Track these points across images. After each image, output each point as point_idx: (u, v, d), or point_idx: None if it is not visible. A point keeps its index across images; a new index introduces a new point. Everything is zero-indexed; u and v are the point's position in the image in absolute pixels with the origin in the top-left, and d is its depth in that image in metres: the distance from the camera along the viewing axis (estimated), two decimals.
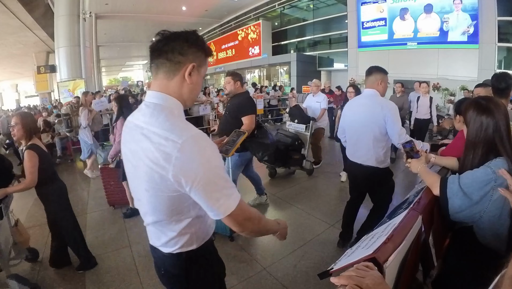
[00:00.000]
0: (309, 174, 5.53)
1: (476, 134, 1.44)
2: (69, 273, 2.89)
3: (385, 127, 2.58)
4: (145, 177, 1.04)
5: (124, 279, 2.79)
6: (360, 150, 2.76)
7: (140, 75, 47.84)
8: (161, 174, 0.99)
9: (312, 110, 5.67)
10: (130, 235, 3.58)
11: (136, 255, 3.16)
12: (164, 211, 1.09)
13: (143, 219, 1.23)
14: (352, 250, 1.08)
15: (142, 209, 1.19)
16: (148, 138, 1.01)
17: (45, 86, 20.22)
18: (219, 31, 26.17)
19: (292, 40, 20.13)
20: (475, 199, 1.28)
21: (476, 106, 1.45)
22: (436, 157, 1.86)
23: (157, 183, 1.02)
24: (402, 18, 12.27)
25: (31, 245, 3.17)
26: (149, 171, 1.02)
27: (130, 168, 1.16)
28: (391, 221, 1.20)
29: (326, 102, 5.75)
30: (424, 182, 1.57)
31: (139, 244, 3.38)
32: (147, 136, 1.02)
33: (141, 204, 1.18)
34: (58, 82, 14.74)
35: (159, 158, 0.97)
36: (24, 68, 27.54)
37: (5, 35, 18.19)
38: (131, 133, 1.11)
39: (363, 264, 0.83)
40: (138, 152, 1.05)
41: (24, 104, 31.36)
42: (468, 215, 1.32)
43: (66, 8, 13.61)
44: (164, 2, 18.07)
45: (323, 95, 5.83)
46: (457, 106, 2.45)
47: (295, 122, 5.60)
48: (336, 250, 3.12)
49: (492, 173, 1.27)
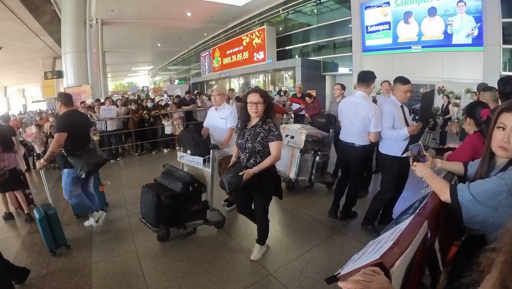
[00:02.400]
0: (218, 227, 3.78)
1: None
2: (75, 277, 2.91)
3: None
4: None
5: (130, 284, 2.80)
6: (352, 133, 3.60)
7: (145, 80, 48.25)
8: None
9: (217, 131, 4.02)
10: (136, 240, 3.60)
11: (142, 259, 3.18)
12: None
13: None
14: (359, 255, 1.09)
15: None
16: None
17: (51, 91, 20.46)
18: (223, 36, 26.31)
19: (297, 45, 20.15)
20: (489, 205, 1.27)
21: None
22: (443, 162, 1.85)
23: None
24: (406, 22, 12.27)
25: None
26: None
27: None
28: (397, 226, 1.20)
29: (235, 119, 3.87)
30: (430, 186, 1.57)
31: (145, 248, 3.41)
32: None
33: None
34: (64, 88, 14.92)
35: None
36: (31, 74, 27.98)
37: (12, 41, 18.52)
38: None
39: (370, 269, 0.84)
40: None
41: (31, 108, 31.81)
42: (481, 220, 1.31)
43: (73, 15, 13.84)
44: (169, 8, 18.26)
45: (230, 108, 4.06)
46: (468, 108, 2.44)
47: (188, 152, 3.70)
48: (343, 255, 3.12)
49: (505, 185, 1.25)
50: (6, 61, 23.10)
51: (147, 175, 6.02)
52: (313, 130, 4.71)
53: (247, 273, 2.87)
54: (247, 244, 3.38)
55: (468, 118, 2.40)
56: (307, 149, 4.48)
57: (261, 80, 23.14)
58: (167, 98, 13.81)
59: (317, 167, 4.56)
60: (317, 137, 4.55)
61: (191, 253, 3.26)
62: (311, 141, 4.48)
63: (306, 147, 4.45)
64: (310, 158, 4.52)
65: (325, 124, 4.93)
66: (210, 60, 27.56)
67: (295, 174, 4.52)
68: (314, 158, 4.54)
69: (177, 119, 8.77)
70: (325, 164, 4.66)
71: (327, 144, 4.68)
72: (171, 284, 2.77)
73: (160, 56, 37.40)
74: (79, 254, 3.33)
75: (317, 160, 4.54)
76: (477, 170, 1.54)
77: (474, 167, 1.65)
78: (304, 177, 4.59)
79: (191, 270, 2.97)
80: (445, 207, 1.47)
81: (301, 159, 4.48)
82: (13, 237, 3.99)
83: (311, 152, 4.53)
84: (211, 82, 29.48)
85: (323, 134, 4.66)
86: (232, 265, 3.01)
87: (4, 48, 19.61)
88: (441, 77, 11.43)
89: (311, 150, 4.52)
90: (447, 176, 1.79)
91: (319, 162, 4.54)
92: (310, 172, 4.59)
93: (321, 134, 4.64)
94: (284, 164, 4.63)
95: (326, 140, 4.66)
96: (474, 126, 2.34)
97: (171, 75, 43.76)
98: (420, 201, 1.44)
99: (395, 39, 12.83)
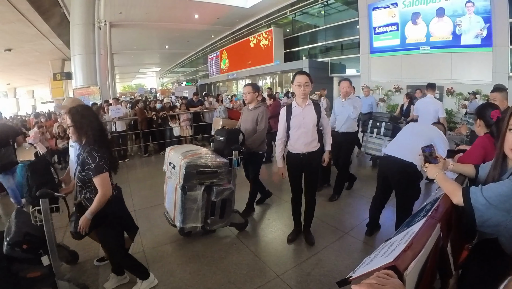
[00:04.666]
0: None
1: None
2: (82, 277, 2.92)
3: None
4: None
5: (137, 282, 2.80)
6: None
7: (153, 82, 48.61)
8: None
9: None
10: (143, 241, 3.61)
11: (151, 261, 3.19)
12: None
13: None
14: (371, 258, 1.07)
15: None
16: None
17: (60, 92, 20.75)
18: (231, 38, 26.41)
19: (304, 47, 20.14)
20: (502, 208, 1.25)
21: None
22: (454, 164, 1.83)
23: None
24: (414, 23, 12.17)
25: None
26: None
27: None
28: (409, 228, 1.19)
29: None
30: (442, 189, 1.55)
31: (152, 249, 3.42)
32: None
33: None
34: (73, 89, 15.09)
35: None
36: (40, 75, 28.37)
37: (22, 43, 18.80)
38: None
39: (383, 272, 0.82)
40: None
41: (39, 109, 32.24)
42: (494, 224, 1.29)
43: (82, 17, 13.98)
44: (176, 11, 18.37)
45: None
46: (478, 110, 2.41)
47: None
48: (351, 258, 3.09)
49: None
50: (16, 63, 23.46)
51: (154, 175, 6.06)
52: (205, 155, 3.29)
53: (254, 275, 2.86)
54: (254, 246, 3.37)
55: (478, 119, 2.37)
56: (192, 184, 3.11)
57: (269, 81, 23.16)
58: (175, 99, 13.89)
59: (214, 207, 3.27)
60: (207, 166, 3.13)
61: (198, 254, 3.26)
62: (196, 173, 3.07)
63: (191, 182, 3.08)
64: (199, 196, 3.15)
65: (225, 144, 3.56)
66: (217, 61, 27.66)
67: (180, 221, 3.17)
68: (207, 196, 3.21)
69: (185, 121, 8.81)
70: (227, 202, 3.33)
71: (225, 173, 3.28)
72: (178, 285, 2.77)
73: (167, 58, 37.65)
74: (86, 254, 3.35)
75: (212, 198, 3.22)
76: (489, 173, 1.51)
77: (485, 169, 1.63)
78: (195, 224, 3.22)
79: (198, 271, 2.97)
80: (456, 210, 1.45)
81: (184, 199, 3.11)
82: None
83: (200, 188, 3.14)
84: (219, 84, 29.59)
85: (218, 162, 3.21)
86: (239, 267, 3.01)
87: (13, 50, 19.90)
88: (450, 79, 11.29)
89: (199, 185, 3.14)
90: (459, 179, 1.76)
91: (215, 201, 3.23)
92: (203, 216, 3.24)
93: (215, 161, 3.21)
94: (170, 203, 3.43)
95: (223, 168, 3.22)
96: (484, 127, 2.31)
97: (178, 76, 44.04)
98: (432, 204, 1.42)
99: (403, 40, 12.73)
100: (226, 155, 3.45)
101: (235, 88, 27.21)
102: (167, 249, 3.41)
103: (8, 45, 19.09)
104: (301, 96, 3.08)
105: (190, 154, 3.21)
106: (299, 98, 3.13)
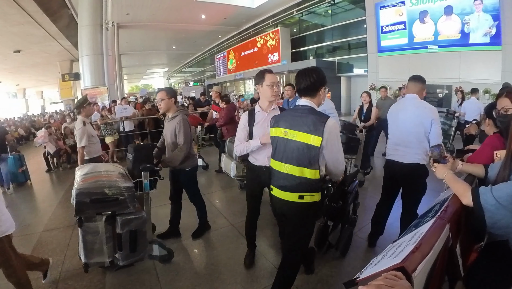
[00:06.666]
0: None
1: None
2: (89, 276, 2.94)
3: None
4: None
5: (144, 283, 2.83)
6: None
7: (160, 82, 48.89)
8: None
9: None
10: None
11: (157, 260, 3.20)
12: None
13: None
14: (378, 259, 1.06)
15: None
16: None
17: (69, 93, 20.97)
18: (238, 38, 26.39)
19: (311, 46, 20.03)
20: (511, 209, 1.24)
21: None
22: (464, 164, 1.80)
23: None
24: (422, 21, 12.05)
25: None
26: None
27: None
28: (417, 229, 1.17)
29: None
30: (451, 189, 1.53)
31: None
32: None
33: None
34: (82, 90, 15.25)
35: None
36: (49, 76, 28.71)
37: (30, 44, 19.04)
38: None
39: (391, 273, 0.81)
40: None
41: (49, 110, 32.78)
42: (505, 225, 1.27)
43: (89, 19, 14.12)
44: (183, 11, 18.42)
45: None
46: (487, 109, 2.38)
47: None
48: (357, 259, 3.08)
49: None
50: (25, 64, 23.76)
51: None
52: (104, 179, 2.60)
53: (261, 276, 2.86)
54: (261, 246, 3.36)
55: (487, 118, 2.34)
56: (89, 215, 2.52)
57: None
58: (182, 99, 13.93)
59: (122, 240, 2.59)
60: (103, 194, 2.48)
61: (204, 254, 3.28)
62: (89, 202, 2.44)
63: (85, 213, 2.49)
64: (101, 228, 2.55)
65: (133, 163, 2.97)
66: (224, 62, 27.68)
67: (84, 256, 2.60)
68: (110, 227, 2.58)
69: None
70: (138, 233, 2.67)
71: (131, 200, 2.59)
72: (184, 284, 2.78)
73: (175, 58, 37.81)
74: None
75: (118, 230, 2.57)
76: (499, 173, 1.48)
77: (495, 169, 1.61)
78: (101, 259, 2.63)
79: (205, 270, 2.98)
80: (465, 211, 1.43)
81: (82, 231, 2.53)
82: (29, 234, 4.08)
83: (100, 219, 2.54)
84: (226, 84, 29.62)
85: (119, 187, 2.55)
86: (246, 267, 3.01)
87: (22, 51, 20.18)
88: (459, 78, 11.16)
89: (97, 215, 2.53)
90: (468, 179, 1.74)
91: (121, 234, 2.57)
92: (110, 250, 2.62)
93: (115, 186, 2.54)
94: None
95: (127, 194, 2.56)
96: (493, 127, 2.28)
97: (186, 77, 44.20)
98: (441, 204, 1.41)
99: (410, 39, 12.61)
100: (136, 177, 2.90)
101: (242, 88, 27.21)
102: (174, 248, 3.41)
103: (17, 47, 19.35)
104: (273, 97, 2.62)
105: (90, 177, 2.59)
106: (267, 101, 2.67)
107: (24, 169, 6.80)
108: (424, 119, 2.75)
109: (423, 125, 2.76)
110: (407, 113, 2.88)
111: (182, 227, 3.75)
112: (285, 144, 2.05)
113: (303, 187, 2.01)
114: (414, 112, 2.82)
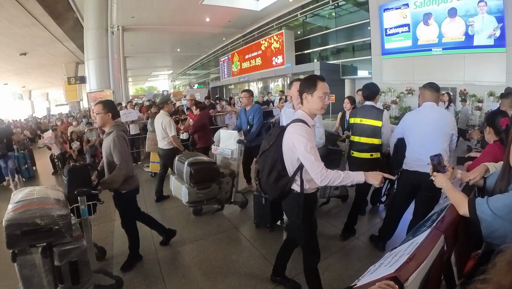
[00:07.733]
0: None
1: None
2: None
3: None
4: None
5: (150, 286, 2.89)
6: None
7: (165, 84, 49.04)
8: None
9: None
10: (156, 243, 3.68)
11: (162, 262, 3.26)
12: None
13: None
14: (375, 267, 1.11)
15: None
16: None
17: (74, 95, 21.24)
18: (242, 41, 26.48)
19: (315, 49, 20.04)
20: (508, 219, 1.26)
21: None
22: (463, 173, 1.81)
23: None
24: (426, 23, 12.03)
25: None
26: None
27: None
28: (414, 239, 1.22)
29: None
30: (449, 199, 1.56)
31: (165, 251, 3.50)
32: None
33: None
34: (87, 92, 15.42)
35: None
36: (54, 78, 29.00)
37: (36, 46, 19.30)
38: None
39: (384, 282, 0.86)
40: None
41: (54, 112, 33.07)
42: (501, 235, 1.30)
43: (95, 22, 14.29)
44: (188, 14, 18.53)
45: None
46: (489, 117, 2.40)
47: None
48: (361, 263, 3.11)
49: None
50: (30, 66, 24.04)
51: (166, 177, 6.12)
52: (35, 208, 2.24)
53: (265, 279, 2.89)
54: (265, 250, 3.41)
55: (488, 126, 2.36)
56: (22, 249, 2.19)
57: (280, 84, 23.15)
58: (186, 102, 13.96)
59: (62, 272, 2.28)
60: (35, 224, 2.14)
61: (210, 257, 3.32)
62: (21, 234, 2.12)
63: (19, 245, 2.16)
64: (38, 261, 2.23)
65: (68, 186, 2.70)
66: (229, 64, 27.77)
67: None
68: (48, 260, 2.25)
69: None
70: (80, 263, 2.35)
71: (67, 228, 2.27)
72: (189, 287, 2.83)
73: (179, 61, 37.94)
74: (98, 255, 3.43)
75: (56, 262, 2.25)
76: (497, 183, 1.50)
77: (493, 178, 1.62)
78: None
79: (210, 273, 3.02)
80: (464, 220, 1.46)
81: (18, 266, 2.20)
82: None
83: (36, 252, 2.22)
84: (230, 87, 29.69)
85: (52, 215, 2.22)
86: (250, 270, 3.05)
87: (28, 53, 20.45)
88: (463, 80, 11.12)
89: (30, 248, 2.20)
90: (467, 187, 1.77)
91: (60, 266, 2.26)
92: (51, 284, 2.29)
93: (47, 214, 2.21)
94: None
95: (62, 223, 2.23)
96: (494, 135, 2.30)
97: (190, 79, 44.35)
98: (438, 214, 1.44)
99: (415, 42, 12.59)
100: (73, 202, 2.64)
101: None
102: (180, 251, 3.48)
103: (24, 49, 19.63)
104: (322, 110, 2.17)
105: (20, 206, 2.25)
106: (313, 113, 2.19)
107: (27, 167, 7.63)
108: (449, 129, 2.78)
109: (448, 135, 2.78)
110: (429, 126, 2.79)
111: (182, 228, 3.79)
112: (362, 126, 3.43)
113: (372, 149, 3.41)
114: (438, 123, 2.78)
